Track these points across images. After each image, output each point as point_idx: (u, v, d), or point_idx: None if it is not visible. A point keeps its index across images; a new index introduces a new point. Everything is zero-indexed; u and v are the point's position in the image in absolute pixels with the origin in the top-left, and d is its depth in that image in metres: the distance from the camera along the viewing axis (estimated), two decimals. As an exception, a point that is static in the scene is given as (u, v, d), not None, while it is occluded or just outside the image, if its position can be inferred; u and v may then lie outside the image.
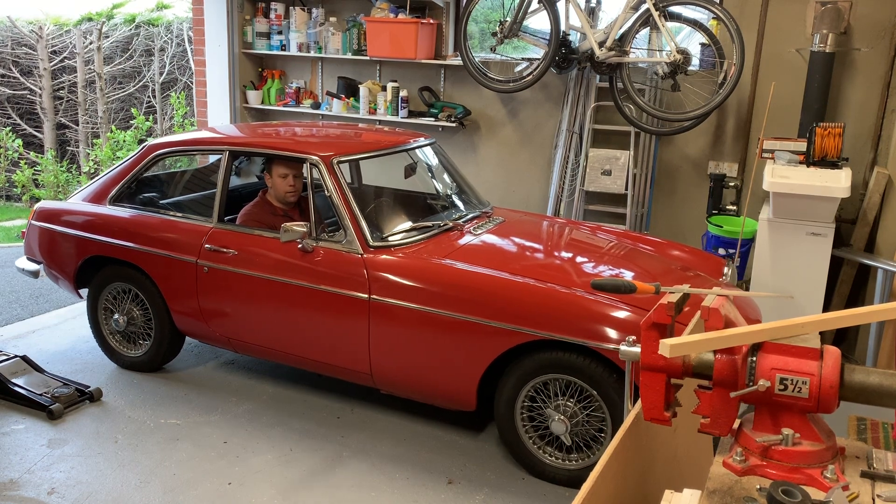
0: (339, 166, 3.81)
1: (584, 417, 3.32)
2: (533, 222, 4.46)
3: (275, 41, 6.48)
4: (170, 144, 4.36)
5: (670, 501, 1.59)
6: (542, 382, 3.36)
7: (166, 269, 4.09)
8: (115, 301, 4.41)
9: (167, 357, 4.40)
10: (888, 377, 1.60)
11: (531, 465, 3.49)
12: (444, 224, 3.99)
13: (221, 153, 4.13)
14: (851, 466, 1.67)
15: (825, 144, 4.31)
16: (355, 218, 3.70)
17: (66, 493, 3.25)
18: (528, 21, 5.33)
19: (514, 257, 3.80)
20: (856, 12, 4.74)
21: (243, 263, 3.87)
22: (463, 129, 6.03)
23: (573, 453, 3.41)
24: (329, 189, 3.75)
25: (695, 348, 1.67)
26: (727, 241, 4.77)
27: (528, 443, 3.47)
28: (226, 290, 3.96)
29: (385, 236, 3.77)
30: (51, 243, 4.47)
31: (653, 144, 5.45)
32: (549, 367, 3.30)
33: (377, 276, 3.56)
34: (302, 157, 3.87)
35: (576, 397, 3.33)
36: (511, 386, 3.40)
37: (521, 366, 3.36)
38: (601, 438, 3.32)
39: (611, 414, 3.24)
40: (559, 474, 3.42)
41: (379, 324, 3.57)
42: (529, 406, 3.43)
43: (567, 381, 3.31)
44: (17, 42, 10.40)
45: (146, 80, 10.92)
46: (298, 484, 3.37)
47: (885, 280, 4.37)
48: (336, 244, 3.70)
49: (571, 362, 3.25)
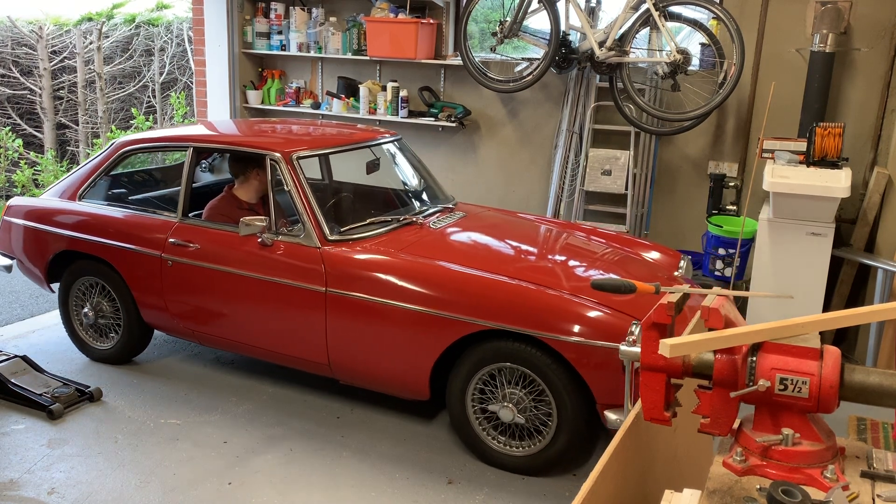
0: (298, 162, 3.90)
1: (531, 406, 3.40)
2: (494, 217, 4.54)
3: (275, 41, 6.48)
4: (137, 142, 4.49)
5: (670, 501, 1.59)
6: (492, 371, 3.44)
7: (133, 263, 4.19)
8: (85, 295, 4.50)
9: (136, 350, 4.49)
10: (888, 377, 1.60)
11: (480, 451, 3.57)
12: (404, 218, 4.09)
13: (186, 150, 4.25)
14: (851, 466, 1.67)
15: (825, 144, 4.31)
16: (313, 212, 3.79)
17: (66, 493, 3.25)
18: (528, 21, 5.32)
19: (467, 250, 3.92)
20: (856, 12, 4.74)
21: (206, 257, 3.97)
22: (463, 129, 6.03)
23: (523, 440, 3.48)
24: (288, 184, 3.85)
25: (695, 348, 1.67)
26: (727, 241, 4.78)
27: (477, 429, 3.55)
28: (189, 283, 4.05)
29: (343, 230, 3.85)
30: (22, 238, 4.57)
31: (653, 144, 5.45)
32: (497, 356, 3.39)
33: (334, 269, 3.65)
34: (262, 154, 3.96)
35: (524, 386, 3.41)
36: (462, 375, 3.49)
37: (472, 355, 3.45)
38: (549, 426, 3.39)
39: (556, 403, 3.33)
40: (506, 460, 3.51)
41: (335, 316, 3.66)
42: (481, 394, 3.51)
43: (515, 370, 3.39)
44: (17, 42, 10.40)
45: (146, 80, 10.92)
46: (298, 484, 3.37)
47: (885, 280, 4.37)
48: (294, 238, 3.79)
49: (519, 352, 3.34)
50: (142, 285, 4.20)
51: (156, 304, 4.20)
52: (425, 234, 3.98)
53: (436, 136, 6.19)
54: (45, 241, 4.45)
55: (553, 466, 3.47)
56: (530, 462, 3.47)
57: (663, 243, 5.52)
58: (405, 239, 3.86)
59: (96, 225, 4.30)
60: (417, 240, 3.87)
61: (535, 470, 3.48)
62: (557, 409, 3.34)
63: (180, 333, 4.28)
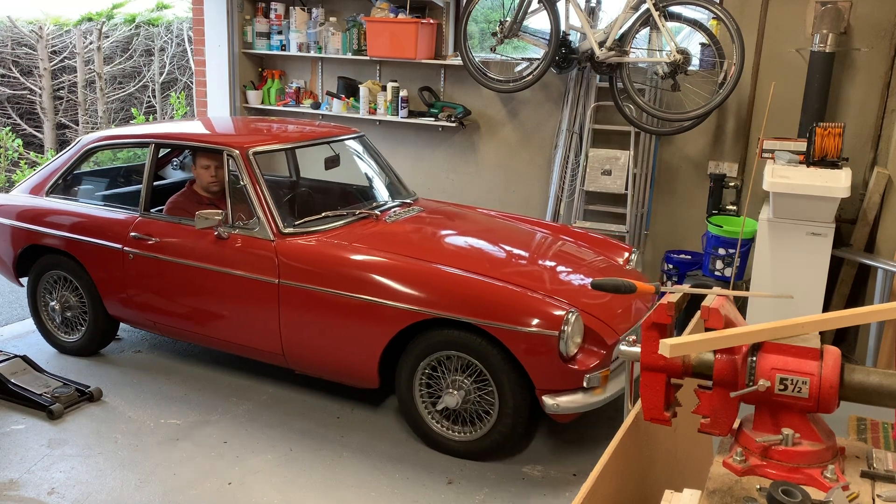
0: (254, 157, 4.01)
1: (476, 393, 3.51)
2: (452, 212, 4.66)
3: (275, 41, 6.48)
4: (102, 139, 4.64)
5: (670, 501, 1.59)
6: (440, 359, 3.54)
7: (96, 257, 4.31)
8: (52, 289, 4.59)
9: (102, 342, 4.61)
10: (888, 377, 1.60)
11: (426, 436, 3.69)
12: (360, 212, 4.22)
13: (148, 146, 4.38)
14: (851, 466, 1.67)
15: (825, 144, 4.30)
16: (267, 206, 3.90)
17: (66, 493, 3.25)
18: (528, 21, 5.32)
19: (418, 243, 4.01)
20: (856, 12, 4.74)
21: (164, 250, 4.09)
22: (463, 129, 6.03)
23: (467, 426, 3.59)
24: (244, 178, 3.95)
25: (695, 348, 1.67)
26: (727, 241, 4.77)
27: (424, 415, 3.66)
28: (149, 275, 4.18)
29: (297, 223, 3.96)
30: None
31: (653, 144, 5.45)
32: (442, 345, 3.50)
33: (286, 261, 3.77)
34: (220, 149, 4.08)
35: (470, 374, 3.51)
36: (410, 363, 3.60)
37: (418, 344, 3.55)
38: (492, 412, 3.49)
39: (498, 390, 3.43)
40: (451, 445, 3.62)
41: (287, 306, 3.77)
42: (428, 381, 3.62)
43: (461, 358, 3.50)
44: (17, 42, 10.40)
45: (146, 80, 10.93)
46: (298, 484, 3.37)
47: (885, 280, 4.37)
48: (249, 231, 3.90)
49: (462, 340, 3.45)
50: (105, 278, 4.33)
51: (119, 296, 4.32)
52: (380, 227, 4.11)
53: (436, 136, 6.18)
54: (12, 237, 4.57)
55: (495, 451, 3.56)
56: (474, 446, 3.57)
57: (663, 243, 5.55)
58: (359, 232, 3.99)
59: (62, 220, 4.42)
60: (371, 233, 3.99)
61: (478, 454, 3.58)
62: (499, 395, 3.44)
63: (143, 325, 4.41)
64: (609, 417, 4.08)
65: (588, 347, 3.44)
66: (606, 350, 3.46)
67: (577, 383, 3.32)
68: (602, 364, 3.42)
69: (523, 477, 3.48)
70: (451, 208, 4.77)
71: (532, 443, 3.78)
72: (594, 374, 3.36)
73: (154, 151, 4.32)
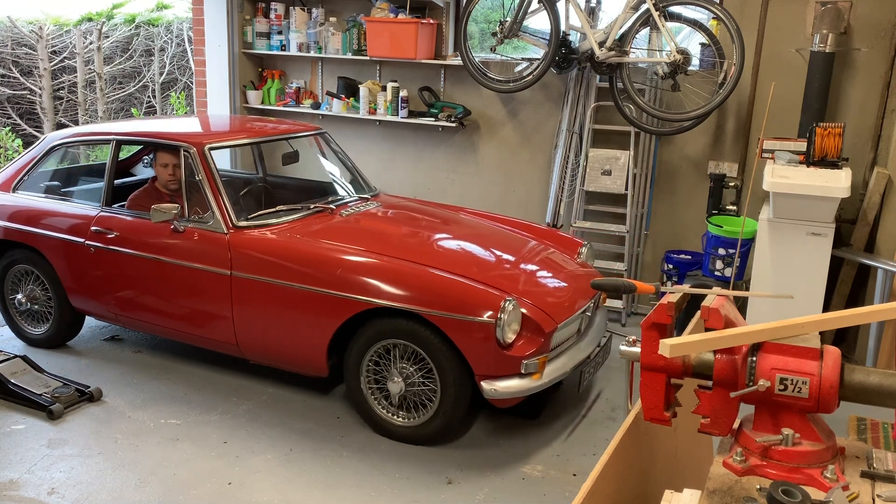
0: (210, 153, 4.14)
1: (420, 380, 3.62)
2: (409, 207, 4.78)
3: (275, 41, 6.48)
4: (66, 136, 4.78)
5: (670, 501, 1.59)
6: (387, 346, 3.65)
7: (60, 251, 4.43)
8: (19, 282, 4.72)
9: (68, 335, 4.73)
10: (888, 377, 1.60)
11: (372, 422, 3.80)
12: (315, 206, 4.33)
13: (109, 143, 4.50)
14: (851, 466, 1.67)
15: (825, 144, 4.30)
16: (221, 200, 4.03)
17: (66, 493, 3.25)
18: (528, 21, 5.32)
19: (368, 235, 4.12)
20: (856, 12, 4.74)
21: (123, 244, 4.22)
22: (463, 129, 6.03)
23: (412, 412, 3.71)
24: (199, 173, 4.08)
25: (695, 348, 1.67)
26: (727, 241, 4.78)
27: (370, 401, 3.77)
28: (109, 269, 4.31)
29: (251, 217, 4.09)
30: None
31: (653, 144, 5.45)
32: (387, 333, 3.62)
33: (238, 253, 3.90)
34: (177, 145, 4.20)
35: (415, 363, 3.62)
36: (356, 351, 3.72)
37: (364, 333, 3.67)
38: (434, 398, 3.61)
39: (440, 376, 3.56)
40: (396, 430, 3.74)
41: (240, 297, 3.91)
42: (375, 368, 3.73)
43: (406, 346, 3.61)
44: (17, 42, 10.39)
45: (146, 80, 10.92)
46: (298, 484, 3.37)
47: (885, 280, 4.37)
48: (204, 225, 4.03)
49: (405, 328, 3.56)
50: (68, 272, 4.44)
51: (82, 289, 4.44)
52: (334, 221, 4.23)
53: (436, 136, 6.18)
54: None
55: (438, 436, 3.67)
56: (417, 431, 3.69)
57: (663, 243, 5.55)
58: (313, 225, 4.11)
59: (27, 215, 4.53)
60: (324, 226, 4.12)
61: (422, 439, 3.69)
62: (441, 382, 3.56)
63: (106, 318, 4.54)
64: (609, 417, 4.08)
65: (526, 335, 3.54)
66: (544, 337, 3.55)
67: (514, 369, 3.46)
68: (540, 351, 3.53)
69: (523, 477, 3.48)
70: (410, 203, 4.91)
71: (532, 443, 3.78)
72: (531, 360, 3.48)
73: (115, 149, 4.46)
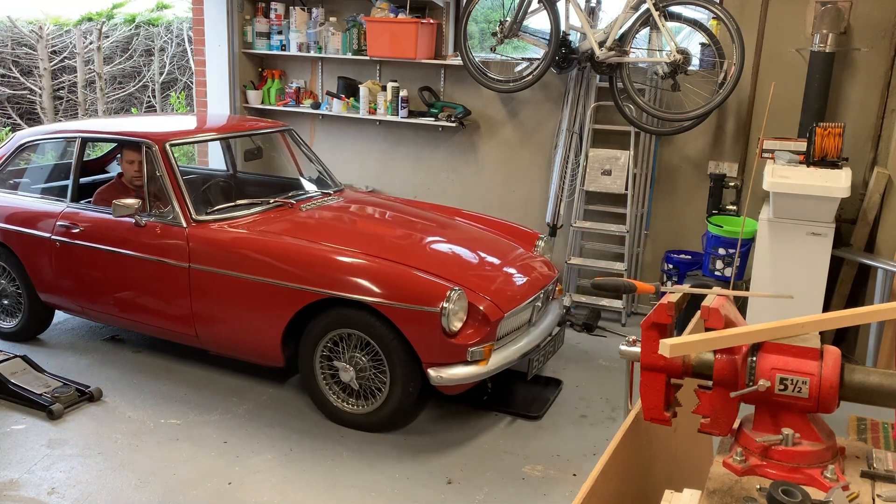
0: (170, 149, 4.26)
1: (371, 368, 3.72)
2: (372, 202, 4.93)
3: (275, 41, 6.48)
4: (33, 134, 4.96)
5: (670, 501, 1.59)
6: (341, 335, 3.75)
7: (28, 246, 4.57)
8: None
9: (38, 329, 4.85)
10: (888, 377, 1.60)
11: (325, 409, 3.91)
12: (275, 201, 4.45)
13: (75, 140, 4.64)
14: (851, 466, 1.67)
15: (825, 144, 4.30)
16: (181, 194, 4.15)
17: (66, 493, 3.25)
18: (528, 21, 5.32)
19: (323, 229, 4.25)
20: (856, 12, 4.74)
21: (87, 238, 4.34)
22: (463, 129, 6.03)
23: (360, 399, 3.82)
24: (160, 169, 4.19)
25: (695, 348, 1.67)
26: (727, 241, 4.77)
27: (324, 389, 3.88)
28: (75, 263, 4.42)
29: (210, 211, 4.21)
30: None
31: (653, 144, 5.45)
32: (339, 323, 3.73)
33: (196, 246, 4.02)
34: (139, 142, 4.32)
35: (368, 353, 3.72)
36: (310, 341, 3.82)
37: (318, 323, 3.78)
38: (384, 387, 3.72)
39: (389, 364, 3.66)
40: (348, 418, 3.84)
41: (197, 289, 4.03)
42: (329, 357, 3.83)
43: (358, 336, 3.71)
44: (17, 42, 10.39)
45: (146, 79, 10.92)
46: (298, 484, 3.37)
47: (885, 280, 4.36)
48: (164, 219, 4.14)
49: (356, 318, 3.67)
50: (36, 266, 4.57)
51: (49, 283, 4.56)
52: (292, 215, 4.34)
53: (436, 136, 6.18)
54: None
55: (389, 422, 3.78)
56: (368, 418, 3.80)
57: (663, 243, 5.55)
58: (271, 220, 4.23)
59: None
60: (282, 220, 4.23)
61: (373, 426, 3.79)
62: (390, 370, 3.67)
63: (73, 311, 4.66)
64: (609, 417, 4.08)
65: (472, 323, 3.64)
66: (490, 326, 3.65)
67: (460, 357, 3.57)
68: (486, 339, 3.64)
69: (523, 477, 3.48)
70: (373, 199, 5.07)
71: (532, 443, 3.78)
72: (477, 348, 3.59)
73: (81, 146, 4.59)
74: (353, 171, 6.56)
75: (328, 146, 6.63)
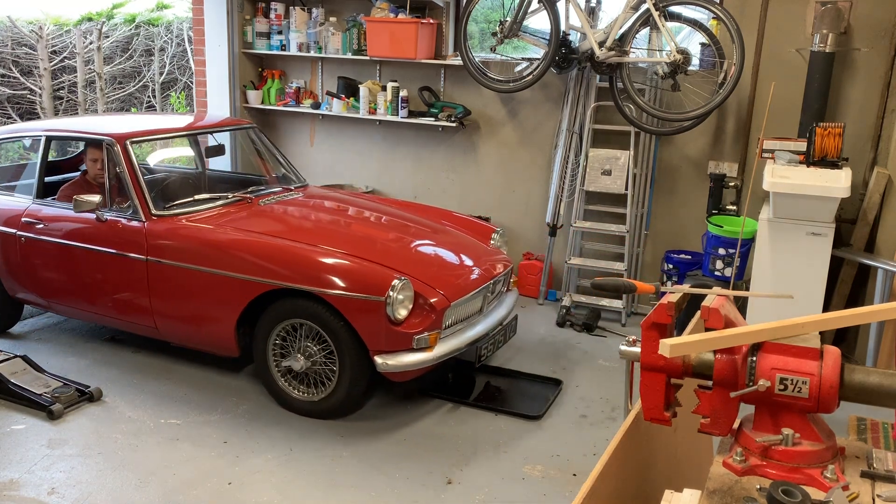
0: (130, 146, 4.37)
1: (321, 357, 3.83)
2: (331, 197, 5.03)
3: (275, 41, 6.48)
4: (1, 133, 5.19)
5: (670, 501, 1.59)
6: (294, 325, 3.86)
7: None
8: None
9: (7, 323, 4.95)
10: (888, 377, 1.60)
11: (278, 397, 4.03)
12: (233, 196, 4.57)
13: (39, 138, 4.76)
14: (851, 466, 1.67)
15: (825, 144, 4.30)
16: (140, 190, 4.26)
17: (66, 493, 3.25)
18: (528, 21, 5.32)
19: (277, 223, 4.38)
20: (856, 12, 4.74)
21: (52, 234, 4.46)
22: (463, 128, 6.03)
23: (310, 387, 3.92)
24: (121, 165, 4.30)
25: (695, 348, 1.67)
26: (727, 241, 4.77)
27: (277, 378, 3.99)
28: (39, 258, 4.54)
29: (168, 206, 4.32)
30: None
31: (653, 144, 5.45)
32: (290, 313, 3.84)
33: (153, 240, 4.15)
34: (101, 140, 4.43)
35: (319, 342, 3.82)
36: (263, 331, 3.94)
37: (270, 313, 3.89)
38: (334, 375, 3.83)
39: (338, 353, 3.76)
40: (300, 405, 3.95)
41: (155, 282, 4.15)
42: (282, 345, 3.94)
43: (309, 326, 3.81)
44: (17, 42, 10.38)
45: (146, 79, 10.92)
46: (298, 484, 3.37)
47: (885, 280, 4.36)
48: (124, 214, 4.27)
49: (307, 308, 3.77)
50: (2, 262, 4.68)
51: (15, 278, 4.68)
52: (250, 210, 4.47)
53: (436, 136, 6.18)
54: None
55: (339, 409, 3.88)
56: (319, 405, 3.90)
57: (663, 243, 5.55)
58: (228, 214, 4.36)
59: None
60: (239, 215, 4.36)
61: (324, 413, 3.90)
62: (339, 358, 3.77)
63: (39, 305, 4.77)
64: (609, 417, 4.08)
65: (418, 312, 3.76)
66: (436, 314, 3.78)
67: (406, 345, 3.69)
68: (431, 327, 3.76)
69: (523, 477, 3.48)
70: (334, 194, 5.18)
71: (532, 443, 3.78)
72: (423, 335, 3.71)
73: (45, 144, 4.71)
74: (353, 172, 6.56)
75: (328, 146, 6.64)
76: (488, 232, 4.75)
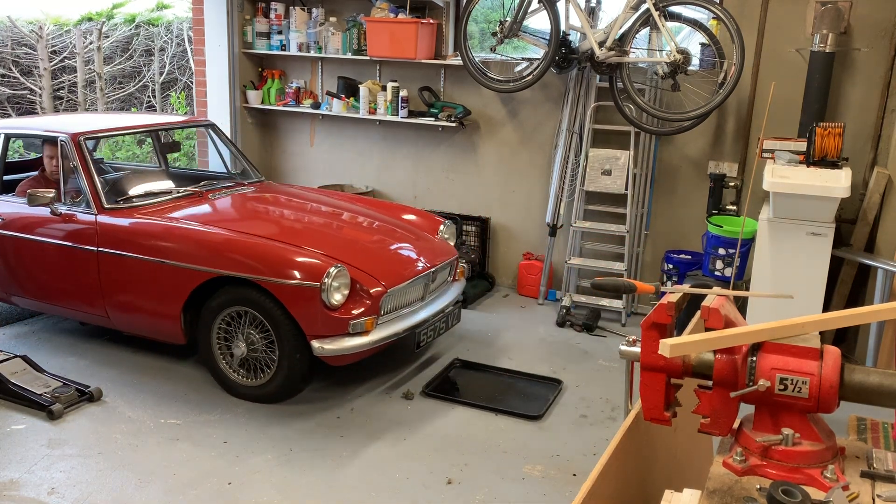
0: (83, 142, 4.53)
1: (263, 344, 3.96)
2: (284, 192, 5.20)
3: (275, 41, 6.48)
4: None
5: (670, 501, 1.59)
6: (239, 312, 3.99)
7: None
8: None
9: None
10: (888, 377, 1.61)
11: (223, 383, 4.16)
12: (185, 190, 4.73)
13: None
14: (851, 466, 1.67)
15: (825, 144, 4.30)
16: (93, 184, 4.41)
17: (66, 493, 3.25)
18: (528, 21, 5.32)
19: (223, 215, 4.56)
20: (856, 12, 4.74)
21: (9, 228, 4.60)
22: (463, 129, 6.03)
23: (260, 373, 4.05)
24: (75, 161, 4.46)
25: (695, 348, 1.67)
26: (727, 240, 4.77)
27: (221, 364, 4.13)
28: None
29: (119, 199, 4.49)
30: None
31: (653, 144, 5.45)
32: (232, 301, 3.98)
33: (103, 232, 4.30)
34: (56, 137, 4.58)
35: (263, 330, 3.94)
36: (208, 318, 4.08)
37: (213, 301, 4.04)
38: (275, 361, 3.97)
39: (278, 339, 3.90)
40: (242, 390, 4.09)
41: (105, 272, 4.31)
42: (227, 331, 4.07)
43: (251, 313, 3.95)
44: (17, 42, 10.38)
45: (146, 79, 10.92)
46: (298, 484, 3.37)
47: (885, 280, 4.36)
48: (77, 207, 4.42)
49: (247, 296, 3.92)
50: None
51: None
52: (200, 203, 4.62)
53: (436, 136, 6.19)
54: None
55: (279, 394, 4.01)
56: (261, 390, 4.04)
57: (663, 243, 5.56)
58: (178, 207, 4.52)
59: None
60: (188, 208, 4.52)
61: (265, 398, 4.03)
62: (279, 344, 3.91)
63: (2, 300, 4.91)
64: (609, 417, 4.08)
65: (355, 298, 3.90)
66: (372, 300, 3.93)
67: (342, 329, 3.82)
68: (368, 312, 3.89)
69: (523, 477, 3.48)
70: (288, 189, 5.34)
71: (532, 443, 3.78)
72: (359, 321, 3.84)
73: (4, 142, 4.86)
74: (353, 172, 6.56)
75: (328, 146, 6.64)
76: (437, 224, 4.93)
